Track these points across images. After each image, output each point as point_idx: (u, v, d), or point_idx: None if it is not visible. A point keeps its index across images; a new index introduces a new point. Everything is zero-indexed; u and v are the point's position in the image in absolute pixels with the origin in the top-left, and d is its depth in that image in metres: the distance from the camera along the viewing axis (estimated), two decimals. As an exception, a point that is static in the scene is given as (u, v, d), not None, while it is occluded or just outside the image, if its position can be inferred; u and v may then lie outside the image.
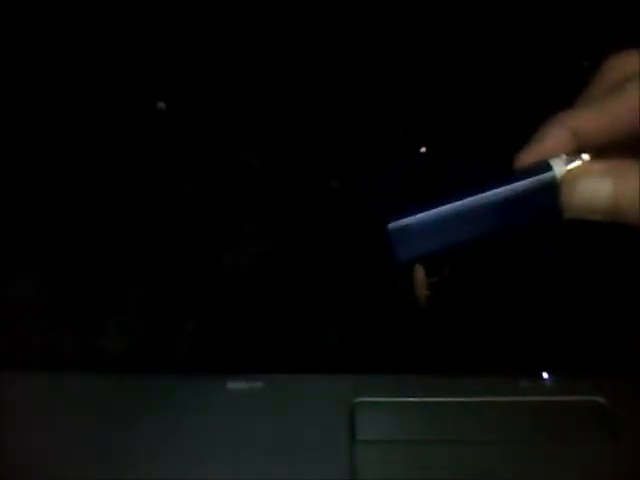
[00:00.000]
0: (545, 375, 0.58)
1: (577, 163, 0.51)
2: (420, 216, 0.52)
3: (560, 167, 0.51)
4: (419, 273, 0.63)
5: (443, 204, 0.52)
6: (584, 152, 0.51)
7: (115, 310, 0.63)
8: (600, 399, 0.57)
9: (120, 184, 0.68)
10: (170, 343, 0.62)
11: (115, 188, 0.68)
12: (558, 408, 0.57)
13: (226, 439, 0.56)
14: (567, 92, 0.70)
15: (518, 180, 0.51)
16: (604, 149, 0.50)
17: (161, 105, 0.71)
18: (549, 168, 0.51)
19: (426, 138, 0.70)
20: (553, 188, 0.51)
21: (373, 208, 0.68)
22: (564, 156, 0.51)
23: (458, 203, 0.52)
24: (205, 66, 0.73)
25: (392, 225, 0.52)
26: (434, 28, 0.73)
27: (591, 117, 0.51)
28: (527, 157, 0.52)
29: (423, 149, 0.70)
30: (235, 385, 0.58)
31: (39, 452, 0.55)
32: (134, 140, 0.70)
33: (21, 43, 0.72)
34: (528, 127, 0.70)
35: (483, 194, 0.52)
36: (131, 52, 0.72)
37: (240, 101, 0.72)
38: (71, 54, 0.72)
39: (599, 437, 0.56)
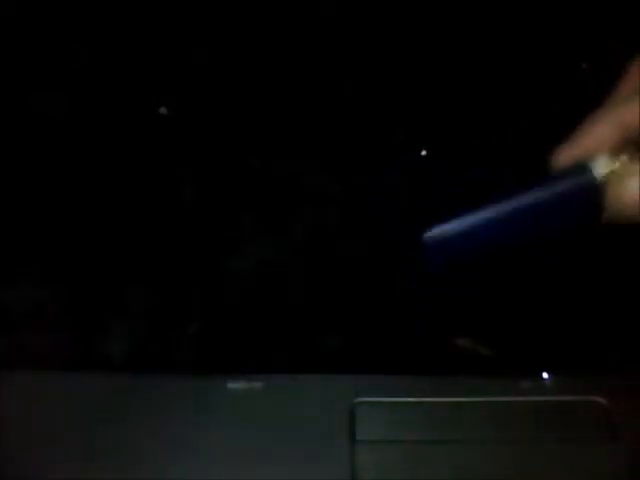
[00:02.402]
0: (545, 375, 0.58)
1: (619, 164, 0.50)
2: (455, 223, 0.51)
3: (601, 169, 0.50)
4: None
5: (478, 210, 0.51)
6: (627, 148, 0.50)
7: (116, 312, 0.63)
8: (600, 399, 0.57)
9: (121, 186, 0.68)
10: (171, 344, 0.62)
11: (116, 190, 0.68)
12: (558, 408, 0.57)
13: (226, 439, 0.56)
14: (566, 94, 0.71)
15: (555, 183, 0.50)
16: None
17: (162, 110, 0.71)
18: (588, 170, 0.50)
19: (426, 139, 0.70)
20: (594, 191, 0.50)
21: (373, 208, 0.68)
22: (604, 158, 0.50)
23: (493, 208, 0.51)
24: (205, 67, 0.73)
25: (427, 234, 0.51)
26: (434, 29, 0.73)
27: (635, 110, 0.49)
28: (570, 152, 0.51)
29: (424, 152, 0.70)
30: (235, 385, 0.58)
31: (39, 452, 0.55)
32: (133, 140, 0.70)
33: (21, 45, 0.72)
34: (527, 128, 0.70)
35: (519, 198, 0.51)
36: (132, 57, 0.73)
37: (240, 103, 0.72)
38: (72, 58, 0.72)
39: (599, 437, 0.56)
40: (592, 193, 0.50)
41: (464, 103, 0.71)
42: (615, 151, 0.50)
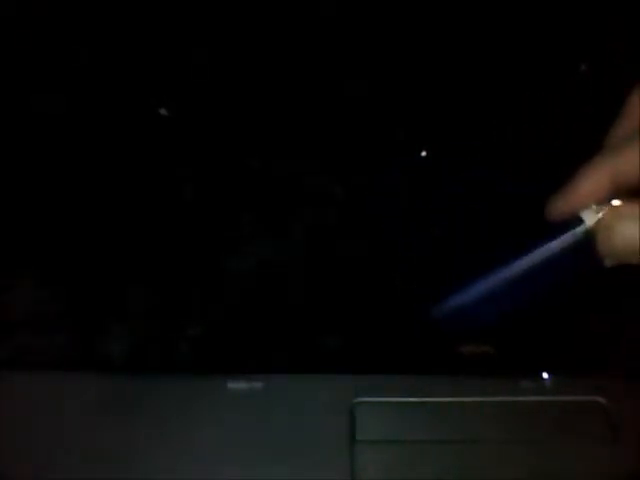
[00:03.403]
0: (545, 375, 0.58)
1: (607, 209, 0.50)
2: (462, 297, 0.52)
3: (591, 217, 0.50)
4: None
5: (483, 281, 0.52)
6: (619, 196, 0.50)
7: (116, 313, 0.63)
8: (600, 399, 0.57)
9: (121, 187, 0.68)
10: (171, 345, 0.62)
11: (116, 191, 0.68)
12: (558, 408, 0.57)
13: (226, 439, 0.56)
14: (565, 95, 0.71)
15: (549, 241, 0.51)
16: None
17: (163, 111, 0.71)
18: (581, 221, 0.51)
19: (427, 140, 0.70)
20: (589, 240, 0.50)
21: (373, 208, 0.68)
22: (593, 206, 0.50)
23: (497, 277, 0.52)
24: (205, 68, 0.73)
25: (436, 311, 0.53)
26: (434, 30, 0.73)
27: (629, 157, 0.50)
28: (563, 204, 0.51)
29: (424, 153, 0.70)
30: (235, 385, 0.58)
31: (39, 452, 0.55)
32: (133, 140, 0.70)
33: (21, 45, 0.72)
34: (527, 128, 0.70)
35: (520, 263, 0.52)
36: (132, 58, 0.72)
37: (240, 103, 0.72)
38: (72, 58, 0.72)
39: (599, 437, 0.56)
40: (587, 242, 0.51)
41: (464, 104, 0.72)
42: (605, 199, 0.50)
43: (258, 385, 0.58)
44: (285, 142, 0.71)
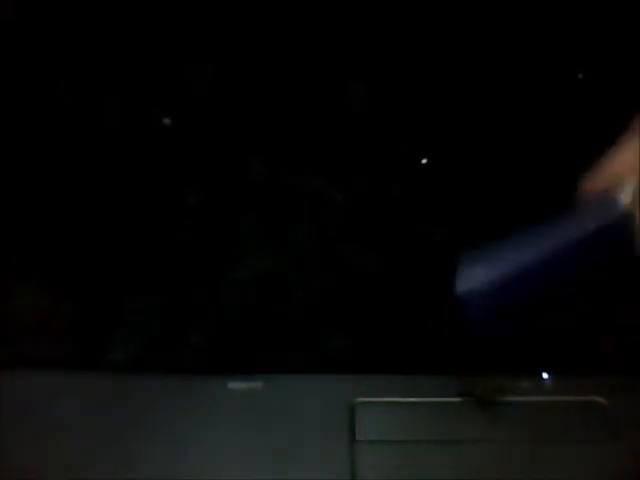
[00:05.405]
0: (545, 375, 0.58)
1: None
2: (492, 265, 0.52)
3: (629, 194, 0.50)
4: None
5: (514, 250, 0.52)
6: None
7: (117, 316, 0.63)
8: (600, 399, 0.57)
9: (126, 196, 0.69)
10: (172, 346, 0.62)
11: (121, 200, 0.68)
12: (558, 408, 0.57)
13: (226, 439, 0.56)
14: (563, 104, 0.71)
15: (586, 220, 0.51)
16: None
17: (167, 121, 0.72)
18: (618, 198, 0.51)
19: (428, 150, 0.71)
20: (626, 219, 0.50)
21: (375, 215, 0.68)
22: (631, 182, 0.50)
23: (527, 257, 0.52)
24: (209, 80, 0.73)
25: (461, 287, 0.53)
26: (433, 37, 0.74)
27: None
28: (599, 180, 0.51)
29: (424, 160, 0.71)
30: (235, 385, 0.58)
31: (39, 452, 0.55)
32: (137, 150, 0.71)
33: (23, 51, 0.73)
34: (524, 134, 0.71)
35: (552, 242, 0.52)
36: (138, 70, 0.73)
37: (244, 116, 0.72)
38: (75, 67, 0.73)
39: (599, 437, 0.56)
40: (624, 222, 0.50)
41: (464, 111, 0.72)
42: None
43: (258, 385, 0.58)
44: (288, 152, 0.71)
